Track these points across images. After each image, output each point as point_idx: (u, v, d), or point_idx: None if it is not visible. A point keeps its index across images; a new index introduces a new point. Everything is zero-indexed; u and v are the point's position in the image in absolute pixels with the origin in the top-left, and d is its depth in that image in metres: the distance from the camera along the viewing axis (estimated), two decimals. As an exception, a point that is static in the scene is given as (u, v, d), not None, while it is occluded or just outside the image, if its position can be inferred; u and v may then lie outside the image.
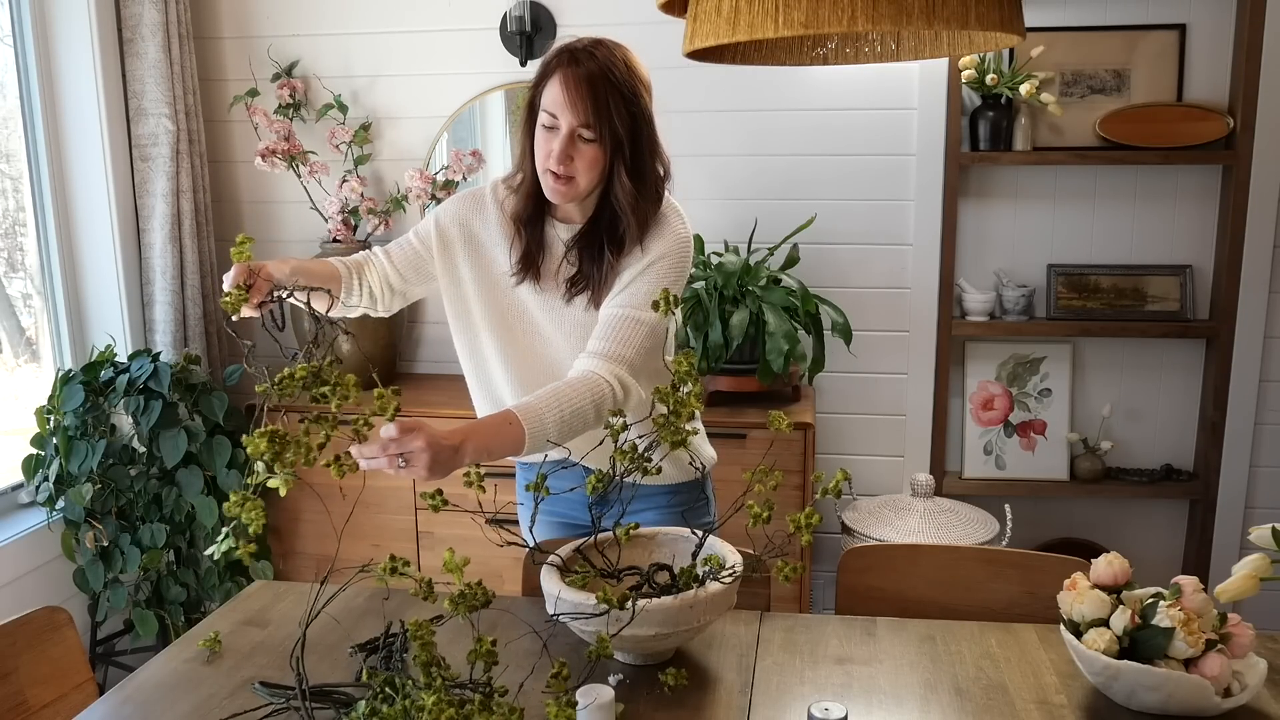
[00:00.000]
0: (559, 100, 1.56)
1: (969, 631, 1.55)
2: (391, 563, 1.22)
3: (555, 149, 1.58)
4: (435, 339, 3.25)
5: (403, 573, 1.23)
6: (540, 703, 1.26)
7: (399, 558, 1.24)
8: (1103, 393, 3.04)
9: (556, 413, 1.48)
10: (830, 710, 1.15)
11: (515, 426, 1.45)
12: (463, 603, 1.23)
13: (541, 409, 1.48)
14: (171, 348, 2.96)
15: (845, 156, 2.98)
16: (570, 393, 1.52)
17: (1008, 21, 1.13)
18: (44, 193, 2.86)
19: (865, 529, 2.76)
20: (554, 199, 1.64)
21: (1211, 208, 2.91)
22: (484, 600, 1.23)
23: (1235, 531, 2.95)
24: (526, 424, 1.45)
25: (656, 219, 1.66)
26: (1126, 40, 2.83)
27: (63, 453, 2.65)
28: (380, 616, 1.60)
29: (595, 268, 1.66)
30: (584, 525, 1.76)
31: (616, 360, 1.58)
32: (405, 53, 3.11)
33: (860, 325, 3.00)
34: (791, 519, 1.33)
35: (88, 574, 2.71)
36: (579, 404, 1.50)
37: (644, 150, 1.62)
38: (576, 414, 1.50)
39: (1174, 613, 1.28)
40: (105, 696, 1.42)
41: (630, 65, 1.60)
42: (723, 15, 1.11)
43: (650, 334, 1.61)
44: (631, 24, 2.65)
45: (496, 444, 1.45)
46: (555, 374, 1.70)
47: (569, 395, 1.51)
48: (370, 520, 2.87)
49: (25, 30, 2.78)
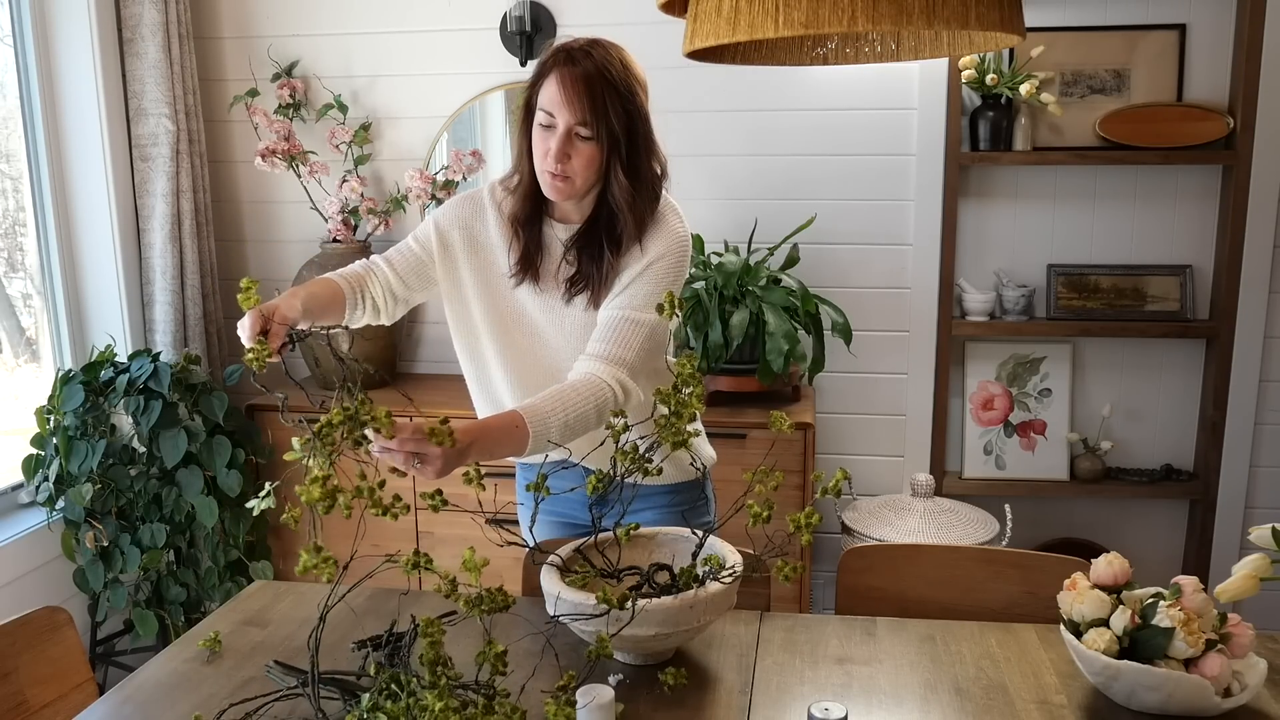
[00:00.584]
0: (556, 99, 1.57)
1: (969, 631, 1.55)
2: (415, 558, 1.23)
3: (552, 147, 1.58)
4: (435, 339, 3.25)
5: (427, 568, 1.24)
6: (540, 703, 1.26)
7: (423, 553, 1.25)
8: (1103, 393, 3.04)
9: (561, 415, 1.50)
10: (830, 710, 1.15)
11: (520, 429, 1.47)
12: (479, 605, 1.23)
13: (546, 411, 1.49)
14: (171, 348, 2.96)
15: (845, 156, 2.98)
16: (574, 396, 1.53)
17: (1008, 21, 1.13)
18: (44, 193, 2.86)
19: (865, 529, 2.76)
20: (552, 196, 1.64)
21: (1211, 208, 2.91)
22: (503, 604, 1.24)
23: (1235, 531, 2.95)
24: (531, 426, 1.47)
25: (654, 218, 1.66)
26: (1126, 40, 2.83)
27: (63, 453, 2.65)
28: (380, 616, 1.60)
29: (595, 267, 1.66)
30: (584, 525, 1.76)
31: (617, 363, 1.58)
32: (405, 53, 3.11)
33: (860, 325, 3.00)
34: (791, 519, 1.33)
35: (88, 574, 2.71)
36: (582, 408, 1.52)
37: (640, 149, 1.63)
38: (580, 417, 1.51)
39: (1174, 613, 1.28)
40: (105, 696, 1.42)
41: (626, 64, 1.61)
42: (723, 15, 1.11)
43: (650, 335, 1.62)
44: (631, 24, 2.65)
45: (501, 446, 1.47)
46: (554, 375, 1.70)
47: (573, 398, 1.52)
48: (370, 520, 2.86)
49: (25, 30, 2.78)
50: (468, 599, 1.24)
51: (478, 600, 1.23)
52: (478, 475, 1.34)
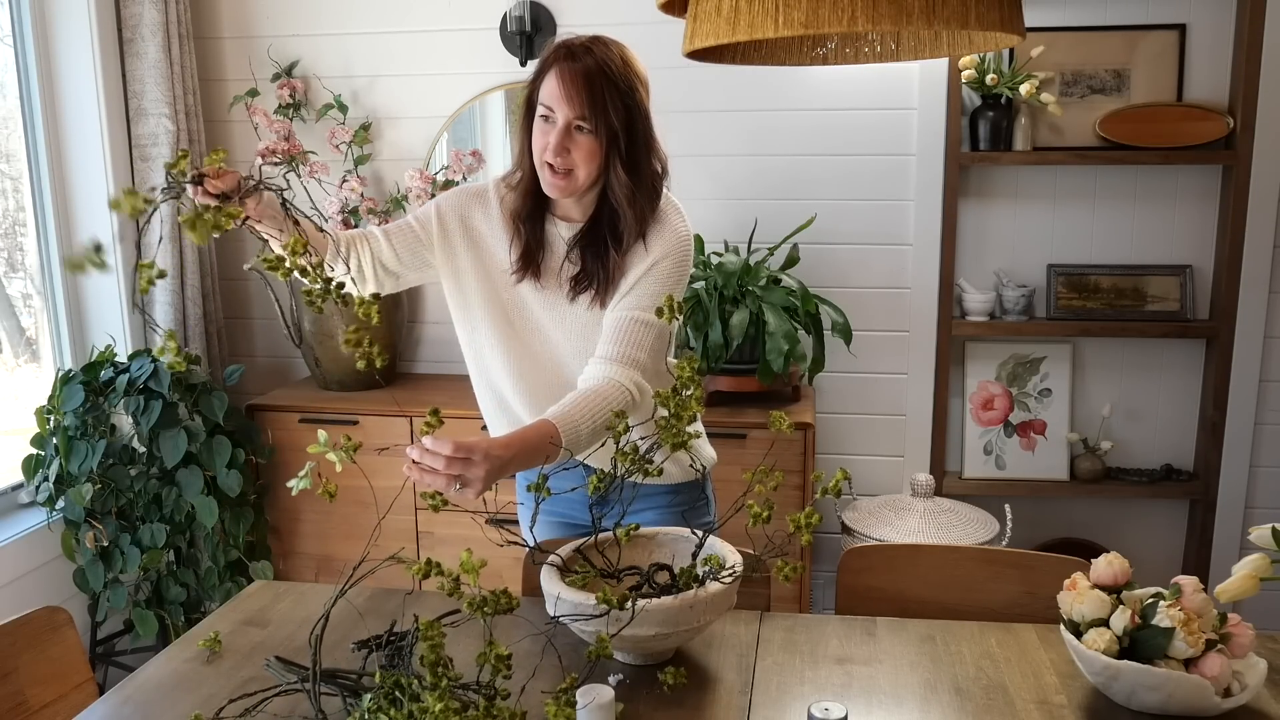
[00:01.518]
0: (556, 93, 1.57)
1: (969, 631, 1.55)
2: (426, 566, 1.23)
3: (552, 141, 1.59)
4: (435, 339, 3.25)
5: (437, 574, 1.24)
6: (540, 703, 1.26)
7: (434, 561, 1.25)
8: (1103, 393, 3.04)
9: (590, 423, 1.52)
10: (830, 710, 1.15)
11: (555, 438, 1.48)
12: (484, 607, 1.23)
13: (577, 419, 1.51)
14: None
15: (845, 156, 2.98)
16: (600, 402, 1.54)
17: (1008, 21, 1.12)
18: (44, 193, 2.86)
19: (865, 529, 2.76)
20: (552, 193, 1.64)
21: (1211, 208, 2.91)
22: (508, 606, 1.24)
23: (1235, 531, 2.95)
24: (564, 435, 1.49)
25: (657, 217, 1.67)
26: (1126, 40, 2.83)
27: (63, 453, 2.65)
28: (380, 616, 1.60)
29: (600, 265, 1.66)
30: (585, 525, 1.76)
31: (631, 364, 1.60)
32: (405, 53, 3.11)
33: (860, 325, 3.00)
34: (791, 519, 1.33)
35: (88, 574, 2.71)
36: (613, 408, 1.53)
37: (640, 145, 1.63)
38: (606, 426, 1.53)
39: (1174, 613, 1.28)
40: (105, 696, 1.42)
41: (627, 60, 1.61)
42: (723, 15, 1.11)
43: (659, 336, 1.64)
44: (631, 24, 2.65)
45: (538, 456, 1.48)
46: (555, 370, 1.70)
47: (600, 405, 1.54)
48: (370, 520, 2.87)
49: (25, 30, 2.78)
50: (472, 600, 1.24)
51: (482, 602, 1.23)
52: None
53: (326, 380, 3.04)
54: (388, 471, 2.83)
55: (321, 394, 3.02)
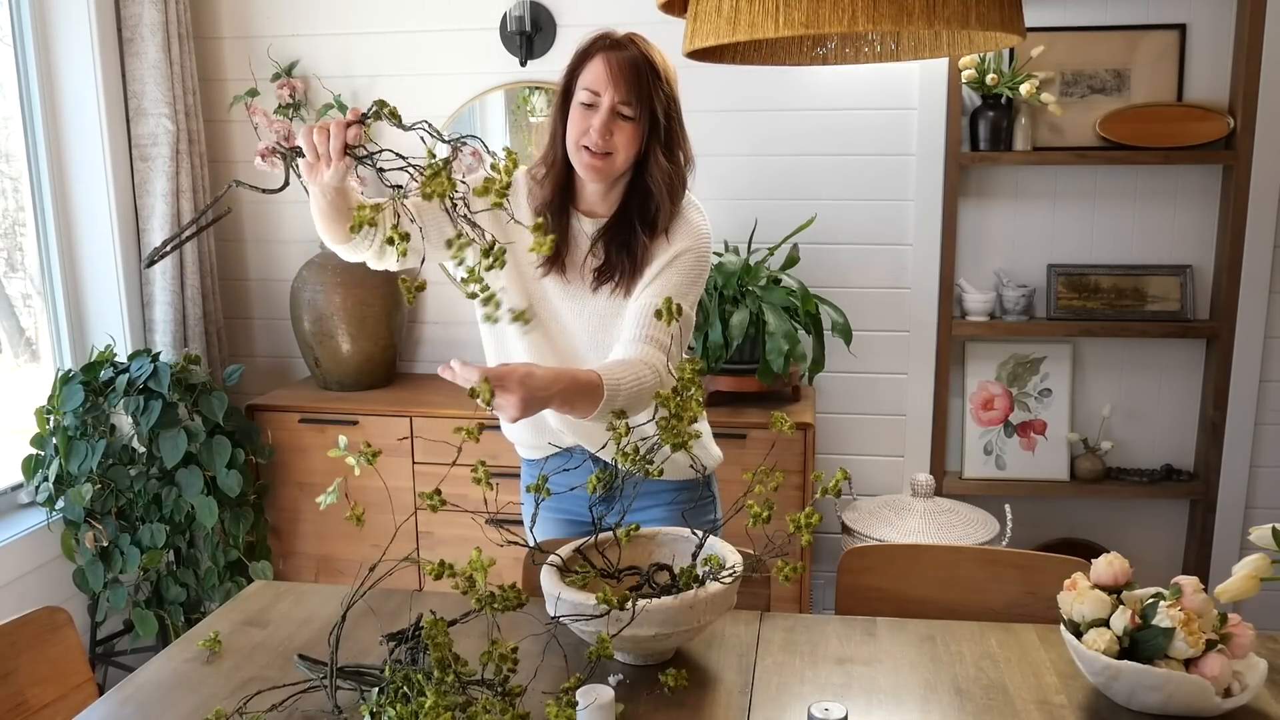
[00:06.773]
0: (601, 78, 1.62)
1: (969, 631, 1.55)
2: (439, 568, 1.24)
3: (596, 124, 1.62)
4: (435, 339, 3.25)
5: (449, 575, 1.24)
6: (541, 703, 1.26)
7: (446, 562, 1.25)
8: (1103, 393, 3.04)
9: (631, 385, 1.52)
10: (830, 710, 1.15)
11: (598, 388, 1.48)
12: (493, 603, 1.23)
13: (619, 376, 1.51)
14: (171, 348, 2.96)
15: (845, 157, 2.98)
16: (642, 368, 1.55)
17: (1008, 21, 1.12)
18: (44, 193, 2.85)
19: (865, 529, 2.76)
20: (587, 176, 1.66)
21: (1211, 208, 2.91)
22: (516, 602, 1.24)
23: (1235, 531, 2.95)
24: (606, 388, 1.49)
25: (678, 211, 1.71)
26: (1126, 40, 2.83)
27: (63, 453, 2.65)
28: (382, 616, 1.60)
29: (626, 254, 1.68)
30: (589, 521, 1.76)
31: (659, 346, 1.62)
32: (405, 53, 3.11)
33: (860, 325, 3.00)
34: (791, 519, 1.33)
35: (88, 574, 2.71)
36: (647, 381, 1.54)
37: (676, 136, 1.70)
38: (642, 391, 1.53)
39: (1174, 613, 1.28)
40: (105, 696, 1.42)
41: (663, 57, 1.69)
42: (723, 15, 1.11)
43: (683, 324, 1.65)
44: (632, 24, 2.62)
45: (580, 400, 1.48)
46: (567, 360, 1.73)
47: (642, 370, 1.55)
48: (370, 520, 2.87)
49: (25, 30, 2.78)
50: (480, 597, 1.24)
51: (490, 598, 1.24)
52: (485, 474, 1.34)
53: (326, 380, 3.04)
54: (388, 472, 2.84)
55: (321, 394, 3.02)
